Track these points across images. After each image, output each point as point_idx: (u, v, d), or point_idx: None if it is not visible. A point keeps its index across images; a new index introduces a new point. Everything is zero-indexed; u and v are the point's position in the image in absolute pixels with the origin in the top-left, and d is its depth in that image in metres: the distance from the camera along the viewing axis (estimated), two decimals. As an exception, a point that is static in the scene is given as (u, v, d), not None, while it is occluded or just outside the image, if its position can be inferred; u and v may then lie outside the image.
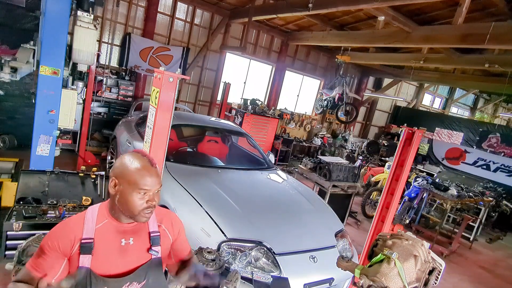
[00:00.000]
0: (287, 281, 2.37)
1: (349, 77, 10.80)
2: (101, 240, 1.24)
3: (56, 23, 3.46)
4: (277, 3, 6.81)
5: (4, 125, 5.77)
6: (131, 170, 1.22)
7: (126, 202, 1.21)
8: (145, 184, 1.20)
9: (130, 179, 1.20)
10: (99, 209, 1.30)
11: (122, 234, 1.29)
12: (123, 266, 1.28)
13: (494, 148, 9.98)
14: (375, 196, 6.38)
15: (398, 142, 3.49)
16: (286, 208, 3.28)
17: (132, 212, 1.22)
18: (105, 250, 1.24)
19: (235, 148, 5.08)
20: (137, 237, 1.32)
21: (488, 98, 15.65)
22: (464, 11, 4.91)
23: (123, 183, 1.21)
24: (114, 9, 6.81)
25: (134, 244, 1.30)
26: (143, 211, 1.22)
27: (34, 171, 3.38)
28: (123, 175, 1.22)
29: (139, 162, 1.23)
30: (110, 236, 1.27)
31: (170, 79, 2.47)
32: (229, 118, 8.29)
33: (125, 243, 1.28)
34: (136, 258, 1.31)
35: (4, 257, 2.65)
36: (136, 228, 1.32)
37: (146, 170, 1.22)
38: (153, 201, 1.23)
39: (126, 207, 1.22)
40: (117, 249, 1.27)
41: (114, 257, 1.26)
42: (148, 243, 1.34)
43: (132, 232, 1.31)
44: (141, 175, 1.21)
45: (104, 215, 1.28)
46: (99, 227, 1.25)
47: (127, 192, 1.21)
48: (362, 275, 1.21)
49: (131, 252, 1.29)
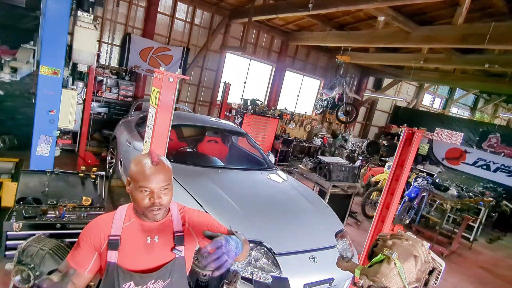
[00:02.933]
0: (287, 281, 2.37)
1: (349, 77, 10.80)
2: (127, 237, 1.30)
3: (56, 23, 3.46)
4: (277, 3, 6.81)
5: (4, 125, 5.77)
6: (133, 169, 1.27)
7: (134, 200, 1.28)
8: (144, 181, 1.23)
9: (134, 178, 1.26)
10: (128, 208, 1.36)
11: (147, 232, 1.33)
12: (148, 262, 1.32)
13: (494, 148, 9.99)
14: (375, 196, 6.38)
15: (398, 142, 3.49)
16: (286, 208, 3.28)
17: (140, 209, 1.28)
18: (131, 247, 1.30)
19: (235, 148, 5.08)
20: (162, 235, 1.35)
21: (488, 98, 15.65)
22: (464, 11, 4.92)
23: (132, 182, 1.28)
24: (114, 9, 6.81)
25: (159, 242, 1.34)
26: (148, 209, 1.26)
27: (34, 171, 3.37)
28: (131, 174, 1.29)
29: (142, 161, 1.27)
30: (136, 234, 1.32)
31: (170, 79, 2.47)
32: (229, 118, 8.29)
33: (150, 241, 1.32)
34: (160, 256, 1.34)
35: (4, 257, 2.66)
36: (161, 227, 1.36)
37: (145, 168, 1.25)
38: (157, 199, 1.24)
39: (135, 204, 1.29)
40: (143, 246, 1.31)
41: (140, 254, 1.31)
42: (172, 242, 1.36)
43: (157, 230, 1.35)
44: (140, 174, 1.24)
45: (131, 214, 1.35)
46: (126, 225, 1.32)
47: (133, 191, 1.27)
48: (362, 275, 1.21)
49: (156, 249, 1.33)
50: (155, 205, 1.25)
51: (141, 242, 1.32)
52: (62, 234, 2.77)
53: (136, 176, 1.25)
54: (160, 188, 1.26)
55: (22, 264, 1.75)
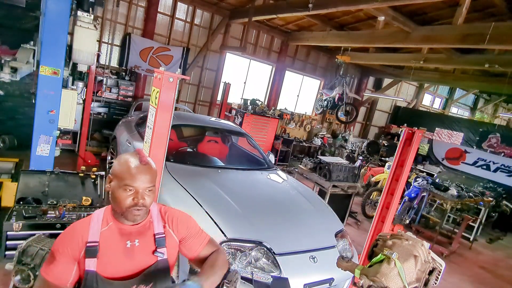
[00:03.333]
0: (287, 281, 2.37)
1: (349, 77, 10.79)
2: (106, 243, 1.24)
3: (56, 23, 3.46)
4: (277, 3, 6.81)
5: (4, 125, 5.76)
6: (120, 166, 1.24)
7: (115, 199, 1.23)
8: (131, 180, 1.20)
9: (118, 175, 1.22)
10: (105, 212, 1.31)
11: (127, 236, 1.28)
12: (129, 268, 1.27)
13: (494, 148, 9.99)
14: (375, 196, 6.38)
15: (398, 142, 3.49)
16: (286, 208, 3.28)
17: (120, 208, 1.23)
18: (110, 253, 1.24)
19: (235, 148, 5.08)
20: (142, 238, 1.31)
21: (488, 98, 15.64)
22: (464, 11, 4.92)
23: (114, 180, 1.24)
24: (114, 9, 6.81)
25: (140, 246, 1.29)
26: (130, 209, 1.21)
27: (34, 171, 3.38)
28: (115, 172, 1.25)
29: (129, 160, 1.24)
30: (115, 238, 1.26)
31: (170, 79, 2.47)
32: (229, 118, 8.28)
33: (130, 245, 1.28)
34: (142, 260, 1.30)
35: (4, 257, 2.65)
36: (141, 230, 1.31)
37: (133, 166, 1.22)
38: (141, 199, 1.21)
39: (115, 203, 1.24)
40: (123, 251, 1.26)
41: (120, 259, 1.25)
42: (154, 245, 1.32)
43: (137, 233, 1.30)
44: (127, 172, 1.21)
45: (109, 217, 1.29)
46: (104, 230, 1.26)
47: (115, 188, 1.22)
48: (362, 275, 1.21)
49: (137, 253, 1.28)
50: (137, 205, 1.21)
51: (121, 247, 1.26)
52: (62, 234, 2.76)
53: (122, 173, 1.21)
54: (145, 188, 1.23)
55: (22, 264, 1.75)
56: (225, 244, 2.48)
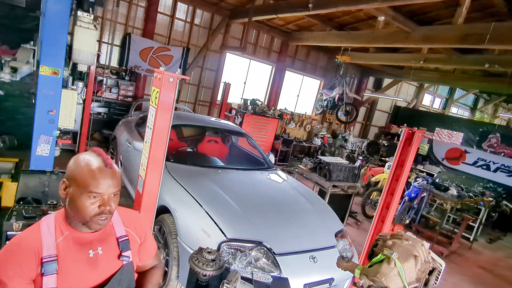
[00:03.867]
0: (287, 281, 2.36)
1: (349, 77, 10.79)
2: (65, 255, 1.09)
3: (56, 23, 3.46)
4: (277, 3, 6.81)
5: (4, 125, 5.76)
6: (81, 170, 1.08)
7: (76, 207, 1.08)
8: (95, 186, 1.07)
9: (80, 181, 1.07)
10: (55, 220, 1.15)
11: (88, 245, 1.15)
12: (94, 279, 1.16)
13: (494, 148, 9.98)
14: (375, 196, 6.38)
15: (398, 142, 3.50)
16: (286, 208, 3.28)
17: (83, 218, 1.09)
18: (72, 266, 1.10)
19: (235, 148, 5.08)
20: (105, 245, 1.19)
21: (488, 98, 15.64)
22: (464, 11, 4.92)
23: (73, 185, 1.09)
24: (114, 9, 6.81)
25: (104, 254, 1.18)
26: (95, 217, 1.09)
27: (34, 171, 3.37)
28: (73, 176, 1.09)
29: (91, 162, 1.10)
30: (74, 249, 1.12)
31: (170, 79, 2.47)
32: (229, 118, 8.28)
33: (93, 254, 1.16)
34: (107, 268, 1.19)
35: (4, 257, 2.65)
36: (103, 236, 1.20)
37: (98, 171, 1.08)
38: (107, 206, 1.09)
39: (76, 212, 1.09)
40: (86, 262, 1.14)
41: (84, 271, 1.13)
42: (118, 249, 1.22)
43: (99, 241, 1.18)
44: (91, 176, 1.07)
45: (62, 226, 1.14)
46: (60, 241, 1.10)
47: (76, 196, 1.07)
48: (362, 275, 1.21)
49: (101, 262, 1.17)
50: (104, 213, 1.09)
51: (83, 258, 1.13)
52: (62, 234, 2.76)
53: (85, 179, 1.06)
54: (112, 193, 1.11)
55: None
56: (225, 244, 2.48)
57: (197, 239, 2.52)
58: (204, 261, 1.63)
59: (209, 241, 2.46)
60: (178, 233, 2.71)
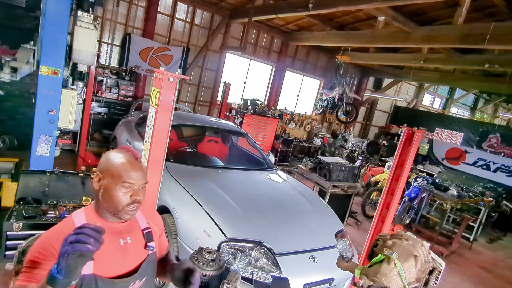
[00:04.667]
0: (287, 281, 2.37)
1: (349, 77, 10.79)
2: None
3: (56, 23, 3.46)
4: (277, 3, 6.81)
5: (4, 125, 5.77)
6: (115, 164, 1.20)
7: (110, 197, 1.18)
8: (129, 177, 1.18)
9: (114, 173, 1.18)
10: (86, 213, 1.25)
11: (118, 234, 1.27)
12: (126, 265, 1.27)
13: (494, 148, 9.98)
14: (375, 196, 6.38)
15: (398, 142, 3.50)
16: (286, 208, 3.28)
17: (116, 207, 1.19)
18: (105, 253, 1.19)
19: (235, 148, 5.08)
20: (132, 235, 1.32)
21: (488, 98, 15.64)
22: (464, 11, 4.91)
23: (107, 177, 1.19)
24: (114, 9, 6.80)
25: (132, 243, 1.30)
26: (127, 206, 1.20)
27: (34, 171, 3.38)
28: (107, 169, 1.20)
29: (123, 157, 1.22)
30: (107, 238, 1.19)
31: (170, 79, 2.47)
32: (229, 118, 8.28)
33: (123, 243, 1.27)
34: (136, 256, 1.31)
35: (4, 257, 2.65)
36: (130, 227, 1.32)
37: (130, 163, 1.20)
38: (137, 196, 1.21)
39: (110, 202, 1.19)
40: (118, 250, 1.25)
41: (117, 258, 1.25)
42: (143, 239, 1.34)
43: (127, 231, 1.30)
44: (125, 169, 1.19)
45: (93, 218, 1.24)
46: None
47: (111, 186, 1.18)
48: (362, 275, 1.21)
49: (131, 250, 1.29)
50: (135, 203, 1.20)
51: (115, 246, 1.24)
52: (62, 234, 2.76)
53: (119, 171, 1.18)
54: (141, 185, 1.22)
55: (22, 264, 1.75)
56: (225, 244, 2.48)
57: (197, 239, 2.52)
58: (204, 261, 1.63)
59: (209, 241, 2.46)
60: (178, 233, 2.71)
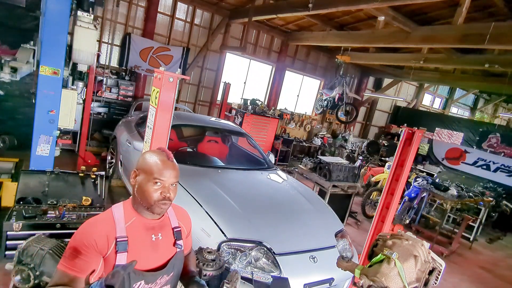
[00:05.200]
0: (287, 281, 2.37)
1: (349, 77, 10.79)
2: (133, 238, 1.29)
3: (56, 23, 3.46)
4: (277, 3, 6.81)
5: (4, 125, 5.76)
6: (149, 161, 1.31)
7: (143, 192, 1.28)
8: (159, 174, 1.27)
9: (147, 170, 1.29)
10: (124, 207, 1.35)
11: (151, 230, 1.35)
12: (156, 260, 1.35)
13: (494, 148, 9.98)
14: (375, 196, 6.38)
15: (398, 142, 3.50)
16: (286, 208, 3.28)
17: (148, 202, 1.28)
18: (139, 246, 1.30)
19: (235, 148, 5.08)
20: (164, 232, 1.39)
21: (488, 98, 15.64)
22: (464, 11, 4.91)
23: (142, 174, 1.30)
24: (114, 9, 6.80)
25: (163, 239, 1.38)
26: (158, 202, 1.28)
27: (34, 171, 3.38)
28: (142, 166, 1.31)
29: (157, 156, 1.32)
30: (141, 232, 1.32)
31: (170, 79, 2.47)
32: (229, 118, 8.28)
33: (155, 239, 1.35)
34: (165, 252, 1.39)
35: (4, 257, 2.66)
36: (162, 224, 1.40)
37: (162, 162, 1.30)
38: (168, 193, 1.29)
39: (143, 197, 1.29)
40: (150, 245, 1.33)
41: (148, 252, 1.33)
42: (173, 237, 1.42)
43: (159, 227, 1.38)
44: (156, 166, 1.28)
45: (130, 212, 1.33)
46: (129, 224, 1.30)
47: (143, 182, 1.28)
48: (362, 275, 1.21)
49: (161, 246, 1.37)
50: (165, 199, 1.28)
51: (147, 241, 1.33)
52: (62, 234, 2.77)
53: (152, 168, 1.28)
54: (171, 183, 1.30)
55: (22, 264, 1.75)
56: (225, 244, 2.48)
57: (197, 239, 2.52)
58: (204, 261, 1.63)
59: (209, 241, 2.46)
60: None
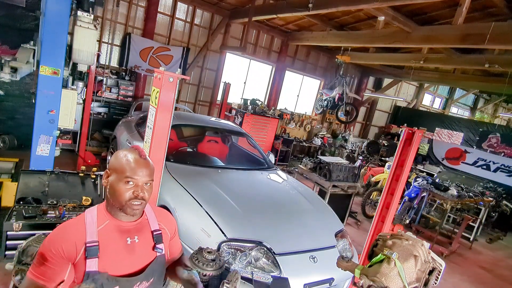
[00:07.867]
0: (287, 281, 2.37)
1: (349, 77, 10.79)
2: (106, 241, 1.23)
3: (56, 23, 3.46)
4: (277, 3, 6.81)
5: (4, 125, 5.77)
6: (120, 160, 1.25)
7: (114, 192, 1.23)
8: (131, 173, 1.22)
9: (118, 169, 1.23)
10: (98, 210, 1.29)
11: (126, 233, 1.29)
12: (132, 265, 1.28)
13: (494, 148, 9.98)
14: (375, 196, 6.38)
15: (398, 142, 3.50)
16: (286, 208, 3.28)
17: (120, 202, 1.22)
18: (111, 251, 1.23)
19: (235, 148, 5.08)
20: (141, 235, 1.32)
21: (488, 98, 15.65)
22: (464, 11, 4.91)
23: (113, 173, 1.25)
24: (114, 9, 6.80)
25: (140, 242, 1.31)
26: (130, 202, 1.22)
27: (34, 171, 3.38)
28: (113, 165, 1.26)
29: (129, 154, 1.26)
30: (114, 236, 1.26)
31: (170, 79, 2.47)
32: (229, 118, 8.28)
33: (131, 242, 1.28)
34: (142, 257, 1.32)
35: (4, 257, 2.66)
36: (139, 227, 1.33)
37: (134, 160, 1.24)
38: (141, 193, 1.23)
39: (114, 197, 1.23)
40: (124, 248, 1.27)
41: (122, 257, 1.26)
42: (152, 241, 1.35)
43: (135, 230, 1.31)
44: (128, 165, 1.23)
45: (104, 215, 1.28)
46: (101, 228, 1.24)
47: (115, 182, 1.23)
48: (362, 275, 1.21)
49: (137, 250, 1.30)
50: (137, 198, 1.22)
51: (121, 244, 1.26)
52: (62, 234, 2.76)
53: (123, 166, 1.23)
54: (145, 182, 1.25)
55: (22, 264, 1.75)
56: (225, 244, 2.48)
57: (197, 239, 2.52)
58: (204, 261, 1.63)
59: (209, 241, 2.46)
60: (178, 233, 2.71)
